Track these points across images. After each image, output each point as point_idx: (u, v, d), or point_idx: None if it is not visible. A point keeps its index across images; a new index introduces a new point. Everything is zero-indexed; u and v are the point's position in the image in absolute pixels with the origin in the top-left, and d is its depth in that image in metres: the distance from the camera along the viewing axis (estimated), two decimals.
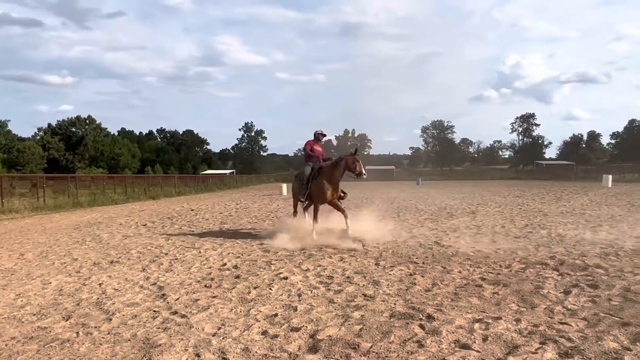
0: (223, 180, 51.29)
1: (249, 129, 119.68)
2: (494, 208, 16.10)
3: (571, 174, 59.22)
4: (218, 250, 8.38)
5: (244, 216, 15.13)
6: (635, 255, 7.06)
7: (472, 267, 6.46)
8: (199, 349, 3.72)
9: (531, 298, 4.91)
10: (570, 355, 3.40)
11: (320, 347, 3.67)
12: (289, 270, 6.55)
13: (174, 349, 3.71)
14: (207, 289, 5.62)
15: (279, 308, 4.77)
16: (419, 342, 3.72)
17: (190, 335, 4.02)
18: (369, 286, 5.56)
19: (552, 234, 9.46)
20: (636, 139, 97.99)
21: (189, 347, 3.74)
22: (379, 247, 8.17)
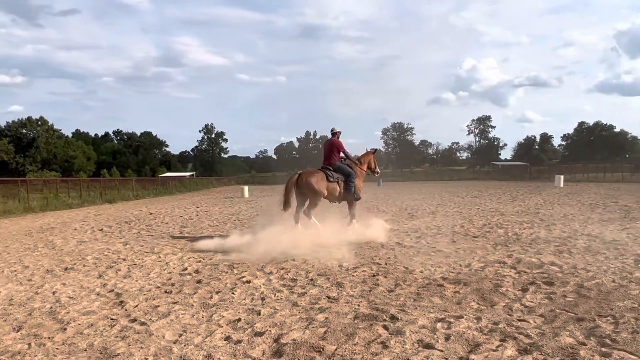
0: (183, 183, 50.31)
1: (210, 131, 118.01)
2: (453, 208, 16.43)
3: (525, 174, 61.19)
4: (178, 254, 8.20)
5: (204, 219, 14.89)
6: (587, 252, 7.34)
7: (434, 267, 6.56)
8: (160, 357, 3.61)
9: (491, 296, 5.02)
10: (529, 351, 3.49)
11: (284, 351, 3.63)
12: (251, 273, 6.47)
13: (133, 358, 3.59)
14: (168, 295, 5.48)
15: (242, 312, 4.70)
16: (383, 343, 3.74)
17: (150, 343, 3.90)
18: (333, 288, 5.56)
19: (508, 233, 9.73)
20: (585, 140, 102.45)
21: (149, 356, 3.63)
22: (342, 248, 8.18)
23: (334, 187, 9.64)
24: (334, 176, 9.67)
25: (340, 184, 9.71)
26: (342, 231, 9.51)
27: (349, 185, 9.79)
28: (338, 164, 9.89)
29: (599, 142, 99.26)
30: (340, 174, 9.78)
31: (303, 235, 8.83)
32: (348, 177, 9.82)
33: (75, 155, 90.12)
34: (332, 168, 9.80)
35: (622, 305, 4.52)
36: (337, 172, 9.75)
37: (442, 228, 10.75)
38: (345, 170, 9.87)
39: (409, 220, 12.57)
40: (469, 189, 32.15)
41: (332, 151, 9.97)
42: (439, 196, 24.07)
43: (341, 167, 9.88)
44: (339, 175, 9.74)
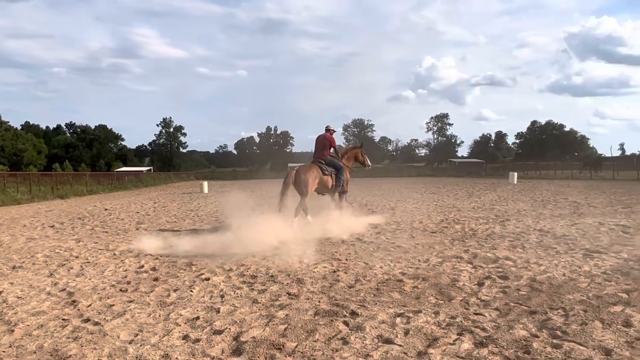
0: (140, 178, 49.02)
1: (168, 125, 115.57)
2: (412, 204, 16.69)
3: (481, 171, 62.88)
4: (134, 251, 7.98)
5: (162, 215, 14.57)
6: (539, 247, 7.60)
7: (393, 263, 6.63)
8: (114, 357, 3.50)
9: (448, 291, 5.12)
10: (485, 344, 3.57)
11: (244, 350, 3.59)
12: (210, 270, 6.37)
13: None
14: (123, 294, 5.32)
15: (200, 310, 4.61)
16: (343, 339, 3.75)
17: (104, 343, 3.77)
18: (293, 284, 5.54)
19: (465, 228, 9.96)
20: (537, 139, 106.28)
21: (103, 357, 3.51)
22: (303, 244, 8.16)
23: (327, 179, 10.21)
24: (328, 170, 10.21)
25: (332, 177, 10.30)
26: (308, 228, 9.53)
27: (339, 178, 10.37)
28: (329, 159, 10.40)
29: (550, 141, 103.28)
30: (332, 167, 10.32)
31: (267, 232, 8.75)
32: (339, 170, 10.40)
33: (25, 148, 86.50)
34: (324, 162, 10.29)
35: (572, 298, 4.70)
36: (329, 166, 10.27)
37: (402, 224, 10.90)
38: (337, 164, 10.44)
39: (369, 216, 12.65)
40: (427, 186, 32.78)
41: (325, 146, 10.45)
42: (398, 192, 24.42)
43: (332, 161, 10.42)
44: (331, 169, 10.29)
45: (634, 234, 8.64)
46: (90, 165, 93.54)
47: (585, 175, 41.06)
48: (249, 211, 10.88)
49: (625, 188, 23.22)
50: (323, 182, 10.12)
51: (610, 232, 8.88)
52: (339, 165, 10.46)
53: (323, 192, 10.52)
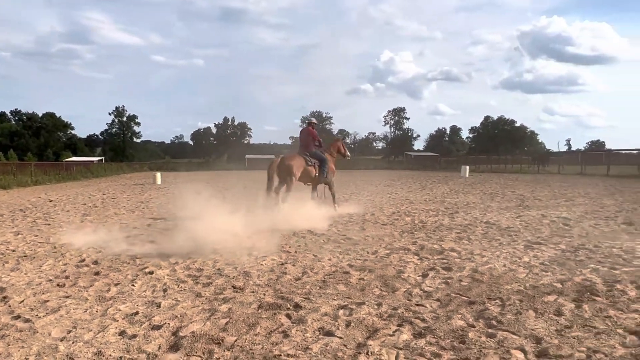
0: (90, 169, 47.30)
1: (121, 114, 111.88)
2: (365, 196, 16.86)
3: (436, 164, 64.27)
4: (77, 245, 7.68)
5: (110, 207, 14.11)
6: (484, 238, 7.82)
7: (342, 255, 6.66)
8: (43, 356, 3.34)
9: (393, 282, 5.18)
10: (423, 335, 3.63)
11: (182, 345, 3.51)
12: (155, 264, 6.20)
13: (12, 359, 3.29)
14: (60, 289, 5.10)
15: (140, 305, 4.48)
16: (284, 332, 3.72)
17: (33, 341, 3.60)
18: (240, 277, 5.47)
19: (415, 220, 10.14)
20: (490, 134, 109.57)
21: (31, 356, 3.35)
22: (252, 236, 8.08)
23: (311, 169, 11.06)
24: (311, 161, 11.09)
25: (316, 168, 11.16)
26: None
27: (323, 169, 11.29)
28: (314, 151, 11.32)
29: (502, 136, 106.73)
30: (316, 159, 11.22)
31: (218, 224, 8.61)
32: (322, 162, 11.30)
33: None
34: (308, 154, 11.18)
35: (509, 288, 4.85)
36: (313, 158, 11.17)
37: (354, 216, 10.98)
38: (321, 156, 11.35)
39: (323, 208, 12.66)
40: (382, 178, 33.17)
41: (309, 140, 11.38)
42: (353, 184, 24.59)
43: (316, 153, 11.34)
44: (315, 160, 11.17)
45: (573, 225, 9.02)
46: (37, 154, 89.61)
47: (534, 169, 42.66)
48: (202, 203, 10.68)
49: (570, 182, 24.24)
50: (307, 171, 10.96)
51: (552, 224, 9.24)
52: (323, 157, 11.34)
53: (307, 182, 11.42)
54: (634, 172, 28.12)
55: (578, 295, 4.54)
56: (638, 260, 5.97)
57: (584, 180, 25.44)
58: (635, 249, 6.68)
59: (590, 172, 32.35)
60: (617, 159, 39.32)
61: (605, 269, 5.56)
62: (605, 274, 5.30)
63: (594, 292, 4.60)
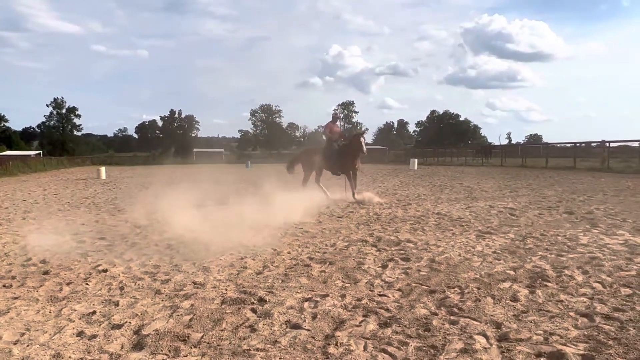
0: (27, 163, 44.88)
1: (59, 106, 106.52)
2: (316, 190, 16.90)
3: (384, 157, 65.43)
4: (21, 243, 7.28)
5: (54, 203, 13.46)
6: (437, 229, 8.05)
7: (301, 248, 6.67)
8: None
9: (354, 274, 5.24)
10: (389, 324, 3.70)
11: (146, 343, 3.41)
12: (108, 261, 5.99)
13: None
14: (7, 289, 4.83)
15: (97, 305, 4.31)
16: (251, 327, 3.69)
17: None
18: (199, 273, 5.37)
19: (370, 213, 10.28)
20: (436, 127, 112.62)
21: None
22: (209, 231, 7.94)
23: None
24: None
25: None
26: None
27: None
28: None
29: (447, 129, 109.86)
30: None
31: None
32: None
33: None
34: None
35: (466, 276, 5.02)
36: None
37: (310, 209, 10.99)
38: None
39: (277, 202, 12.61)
40: None
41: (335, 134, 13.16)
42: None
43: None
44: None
45: (520, 215, 9.44)
46: None
47: (478, 162, 44.22)
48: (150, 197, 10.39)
49: (512, 174, 25.32)
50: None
51: (500, 215, 9.63)
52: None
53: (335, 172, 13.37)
54: (569, 164, 29.70)
55: (531, 281, 4.76)
56: (582, 247, 6.33)
57: (525, 172, 26.65)
58: (578, 237, 7.08)
59: (530, 164, 33.90)
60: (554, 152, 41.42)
61: (553, 256, 5.87)
62: (553, 261, 5.59)
63: (545, 278, 4.84)
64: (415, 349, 3.27)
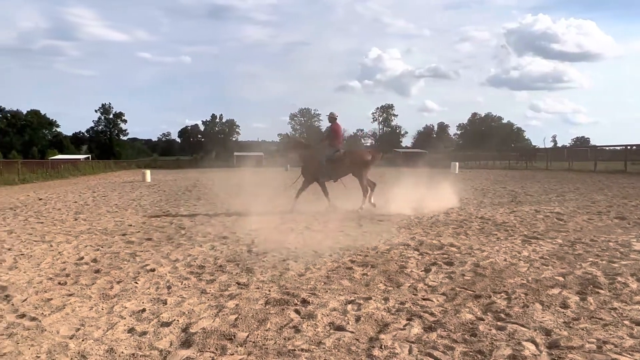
0: (77, 166, 46.79)
1: (107, 111, 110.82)
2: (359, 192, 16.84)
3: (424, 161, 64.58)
4: (73, 242, 7.60)
5: (102, 205, 13.97)
6: (481, 233, 7.89)
7: (342, 250, 6.67)
8: (54, 354, 3.31)
9: (397, 277, 5.20)
10: (433, 328, 3.66)
11: (193, 341, 3.49)
12: (155, 261, 6.17)
13: (23, 357, 3.26)
14: (62, 287, 5.05)
15: (146, 303, 4.45)
16: (295, 328, 3.73)
17: (43, 339, 3.56)
18: (243, 274, 5.46)
19: (411, 216, 10.17)
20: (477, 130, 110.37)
21: (42, 354, 3.31)
22: (251, 234, 8.07)
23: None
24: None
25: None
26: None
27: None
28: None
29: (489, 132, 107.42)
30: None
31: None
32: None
33: None
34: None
35: (513, 282, 4.90)
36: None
37: (350, 213, 10.99)
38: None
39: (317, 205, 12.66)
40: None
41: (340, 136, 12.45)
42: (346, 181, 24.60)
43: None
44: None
45: (567, 220, 9.13)
46: (22, 152, 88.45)
47: (521, 165, 43.07)
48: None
49: (558, 178, 24.53)
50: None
51: (546, 219, 9.35)
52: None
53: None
54: (620, 168, 28.52)
55: (581, 288, 4.60)
56: (635, 254, 6.07)
57: (571, 176, 25.77)
58: (630, 243, 6.79)
59: (577, 168, 32.76)
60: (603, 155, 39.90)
61: (604, 262, 5.65)
62: (605, 268, 5.38)
63: (596, 284, 4.67)
64: (461, 353, 3.23)
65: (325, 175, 11.90)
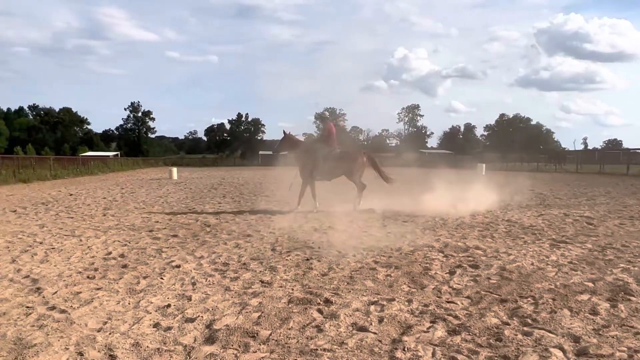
0: (106, 163, 47.83)
1: (136, 109, 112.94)
2: (383, 193, 16.77)
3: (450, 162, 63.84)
4: (102, 237, 7.77)
5: (130, 201, 14.24)
6: (508, 236, 7.76)
7: (366, 251, 6.65)
8: (82, 346, 3.39)
9: (421, 279, 5.16)
10: (458, 332, 3.61)
11: (217, 338, 3.53)
12: (181, 258, 6.25)
13: (52, 349, 3.34)
14: (90, 281, 5.16)
15: (171, 298, 4.52)
16: (317, 327, 3.73)
17: (72, 332, 3.65)
18: (266, 272, 5.49)
19: (435, 218, 10.07)
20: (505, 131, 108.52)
21: (70, 346, 3.39)
22: (275, 232, 8.11)
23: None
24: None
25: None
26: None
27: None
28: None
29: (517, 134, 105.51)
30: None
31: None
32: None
33: None
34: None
35: (540, 286, 4.80)
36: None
37: (374, 213, 10.95)
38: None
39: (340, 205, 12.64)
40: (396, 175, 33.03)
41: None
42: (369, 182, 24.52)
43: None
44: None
45: (597, 225, 8.91)
46: (54, 149, 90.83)
47: (550, 168, 42.19)
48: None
49: (588, 181, 23.95)
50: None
51: (575, 223, 9.14)
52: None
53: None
54: None
55: (612, 294, 4.48)
56: None
57: (602, 179, 25.12)
58: None
59: (608, 171, 31.91)
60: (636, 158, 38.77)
61: (637, 268, 5.49)
62: (637, 274, 5.23)
63: (627, 291, 4.54)
64: (486, 358, 3.18)
65: (320, 174, 11.65)
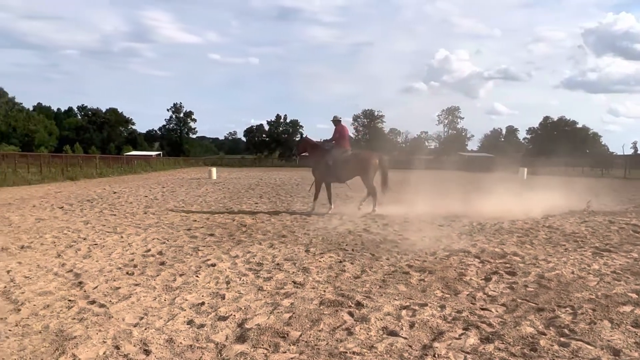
0: (149, 162, 49.24)
1: (178, 110, 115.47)
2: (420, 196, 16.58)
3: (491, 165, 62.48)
4: (142, 235, 8.01)
5: (170, 200, 14.61)
6: (548, 243, 7.53)
7: (400, 255, 6.59)
8: (119, 340, 3.50)
9: (455, 285, 5.07)
10: (491, 340, 3.54)
11: (248, 337, 3.58)
12: (217, 257, 6.37)
13: (91, 341, 3.47)
14: (129, 277, 5.33)
15: (205, 296, 4.61)
16: (348, 330, 3.73)
17: (109, 325, 3.78)
18: (299, 273, 5.53)
19: (473, 222, 9.87)
20: (549, 134, 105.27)
21: (108, 339, 3.52)
22: (309, 233, 8.15)
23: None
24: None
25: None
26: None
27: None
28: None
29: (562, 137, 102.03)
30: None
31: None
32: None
33: (36, 129, 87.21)
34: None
35: (580, 296, 4.64)
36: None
37: (409, 216, 10.83)
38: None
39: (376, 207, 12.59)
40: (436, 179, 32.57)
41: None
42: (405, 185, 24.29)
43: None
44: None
45: None
46: (101, 148, 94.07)
47: (597, 173, 40.66)
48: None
49: (637, 187, 22.95)
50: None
51: (621, 231, 8.78)
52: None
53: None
54: None
55: None
56: None
57: None
58: None
59: None
60: None
61: None
62: None
63: None
64: None
65: (333, 176, 11.56)
